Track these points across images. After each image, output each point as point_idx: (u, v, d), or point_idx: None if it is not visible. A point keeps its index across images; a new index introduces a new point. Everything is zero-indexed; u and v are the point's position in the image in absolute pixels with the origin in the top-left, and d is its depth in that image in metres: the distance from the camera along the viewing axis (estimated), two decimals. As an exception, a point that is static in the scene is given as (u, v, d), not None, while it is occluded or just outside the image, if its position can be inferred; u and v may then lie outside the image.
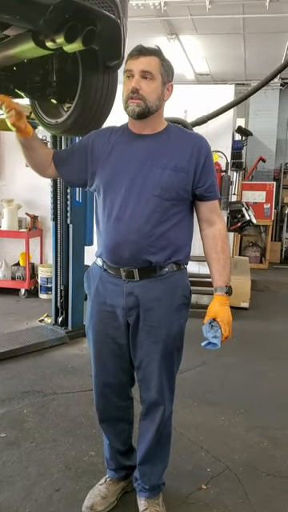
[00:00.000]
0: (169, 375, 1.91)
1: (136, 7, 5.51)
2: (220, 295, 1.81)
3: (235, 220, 5.38)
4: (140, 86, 1.69)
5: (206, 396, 3.18)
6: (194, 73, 8.51)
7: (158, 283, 1.81)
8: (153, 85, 1.72)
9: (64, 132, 2.56)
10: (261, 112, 9.12)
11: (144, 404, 1.97)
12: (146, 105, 1.71)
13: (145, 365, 1.88)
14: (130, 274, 1.80)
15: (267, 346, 4.26)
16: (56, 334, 4.16)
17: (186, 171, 1.76)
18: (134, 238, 1.75)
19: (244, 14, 5.88)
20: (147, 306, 1.81)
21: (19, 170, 5.67)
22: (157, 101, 1.74)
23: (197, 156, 1.78)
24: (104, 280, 1.87)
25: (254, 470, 2.40)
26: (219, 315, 1.76)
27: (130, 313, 1.83)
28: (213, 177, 1.84)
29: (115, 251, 1.79)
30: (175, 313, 1.85)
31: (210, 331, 1.74)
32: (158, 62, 1.71)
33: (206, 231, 1.87)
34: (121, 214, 1.76)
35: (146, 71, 1.69)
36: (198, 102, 5.08)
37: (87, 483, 2.21)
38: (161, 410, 1.92)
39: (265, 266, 8.10)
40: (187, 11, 5.87)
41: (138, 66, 1.69)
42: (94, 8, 1.75)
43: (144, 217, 1.74)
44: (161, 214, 1.76)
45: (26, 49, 1.91)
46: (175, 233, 1.80)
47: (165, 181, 1.74)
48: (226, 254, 1.84)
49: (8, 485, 2.22)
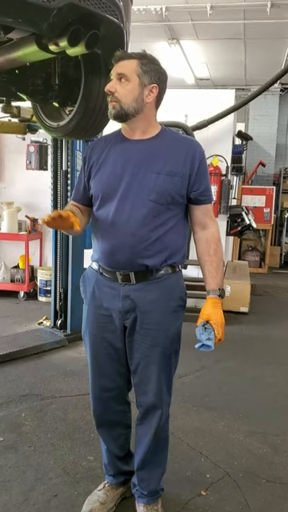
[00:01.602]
0: (167, 378, 1.91)
1: (138, 12, 5.53)
2: (213, 298, 1.82)
3: (235, 224, 5.38)
4: (115, 88, 1.71)
5: (205, 401, 3.17)
6: (195, 77, 8.54)
7: (155, 286, 1.81)
8: (127, 86, 1.71)
9: (65, 135, 2.56)
10: (261, 117, 9.16)
11: (141, 408, 1.96)
12: (120, 106, 1.72)
13: (142, 368, 1.87)
14: (127, 277, 1.80)
15: (267, 351, 4.25)
16: (55, 337, 4.15)
17: (180, 176, 1.77)
18: (130, 242, 1.76)
19: (245, 20, 5.91)
20: (144, 308, 1.81)
21: (19, 172, 5.69)
22: (133, 103, 1.72)
23: (191, 161, 1.78)
24: (100, 283, 1.87)
25: (254, 476, 2.38)
26: (212, 318, 1.77)
27: (127, 316, 1.83)
28: (207, 181, 1.85)
29: (112, 255, 1.80)
30: (172, 315, 1.86)
31: (203, 333, 1.76)
32: (135, 64, 1.70)
33: (199, 234, 1.88)
34: (117, 218, 1.76)
35: (120, 73, 1.71)
36: (199, 106, 5.09)
37: (85, 488, 2.20)
38: (158, 413, 1.91)
39: (264, 271, 8.11)
40: (188, 16, 5.89)
41: (116, 69, 1.72)
42: (97, 12, 1.76)
43: (140, 221, 1.75)
44: (156, 219, 1.76)
45: (29, 52, 1.92)
46: (171, 236, 1.81)
47: (160, 185, 1.74)
48: (218, 257, 1.85)
49: (5, 489, 2.20)
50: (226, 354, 3.92)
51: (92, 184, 1.84)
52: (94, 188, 1.83)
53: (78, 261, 4.21)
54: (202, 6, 5.48)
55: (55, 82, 2.44)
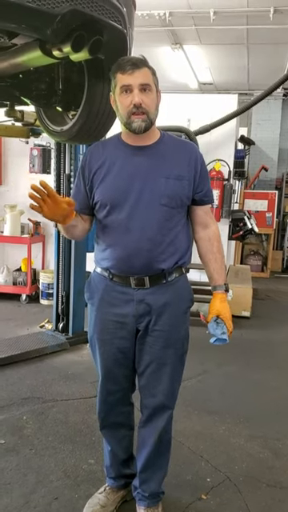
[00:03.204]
0: (179, 378, 1.96)
1: (141, 17, 5.55)
2: (220, 293, 1.89)
3: (237, 228, 5.38)
4: (142, 99, 1.69)
5: (207, 405, 3.17)
6: (198, 82, 8.56)
7: (167, 289, 1.85)
8: (151, 96, 1.73)
9: (69, 139, 2.57)
10: (263, 121, 9.17)
11: (146, 410, 1.97)
12: (148, 118, 1.73)
13: (152, 370, 1.89)
14: (141, 281, 1.82)
15: (268, 355, 4.24)
16: (57, 340, 4.15)
17: (187, 179, 1.81)
18: (146, 247, 1.78)
19: (248, 25, 5.93)
20: (158, 311, 1.84)
21: (22, 176, 5.71)
22: (156, 111, 1.76)
23: (194, 164, 1.83)
24: (109, 289, 1.88)
25: (254, 480, 2.38)
26: (222, 312, 1.84)
27: (141, 320, 1.85)
28: (208, 182, 1.92)
29: (127, 262, 1.81)
30: (183, 316, 1.91)
31: (217, 328, 1.83)
32: (150, 73, 1.73)
33: (200, 234, 1.93)
34: (131, 225, 1.78)
35: (144, 84, 1.70)
36: (202, 111, 5.11)
37: (86, 491, 2.20)
38: (167, 414, 1.95)
39: (266, 275, 8.10)
40: (192, 21, 5.91)
41: (136, 80, 1.68)
42: (100, 18, 1.77)
43: (154, 226, 1.78)
44: (168, 222, 1.80)
45: (33, 57, 1.93)
46: (180, 238, 1.85)
47: (170, 189, 1.78)
48: (221, 254, 1.92)
49: (6, 492, 2.20)
50: (228, 358, 3.91)
51: (97, 193, 1.83)
52: (101, 196, 1.81)
53: (81, 264, 4.22)
54: (206, 11, 5.50)
55: (59, 87, 2.45)
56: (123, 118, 1.75)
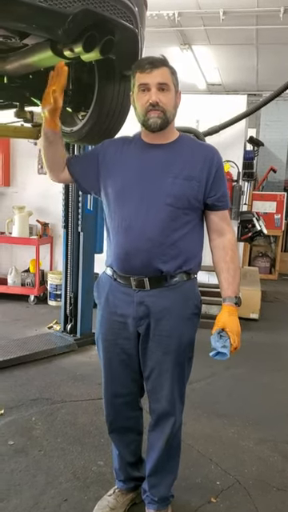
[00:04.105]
0: (180, 385, 1.90)
1: (150, 17, 5.54)
2: (229, 305, 1.79)
3: (246, 230, 5.35)
4: (159, 98, 1.70)
5: (215, 407, 3.15)
6: (206, 83, 8.54)
7: (169, 293, 1.81)
8: (169, 95, 1.73)
9: (79, 140, 2.56)
10: (272, 122, 9.13)
11: (153, 415, 1.95)
12: (165, 116, 1.73)
13: (155, 375, 1.87)
14: (141, 283, 1.79)
15: (277, 358, 4.21)
16: (65, 342, 4.15)
17: (197, 180, 1.77)
18: (145, 246, 1.75)
19: (257, 25, 5.90)
20: (158, 315, 1.80)
21: (31, 177, 5.73)
22: (173, 110, 1.77)
23: (209, 166, 1.79)
24: (114, 289, 1.87)
25: (264, 484, 2.36)
26: (228, 325, 1.74)
27: (141, 322, 1.82)
28: (224, 187, 1.85)
29: (126, 260, 1.79)
30: (186, 322, 1.85)
31: (218, 341, 1.73)
32: (169, 72, 1.73)
33: (215, 241, 1.87)
34: (133, 222, 1.76)
35: (162, 83, 1.70)
36: (210, 111, 5.10)
37: (95, 494, 2.19)
38: (171, 420, 1.91)
39: (274, 277, 8.05)
40: (201, 22, 5.90)
41: (153, 79, 1.69)
42: (112, 18, 1.76)
43: (156, 225, 1.74)
44: (173, 223, 1.76)
45: (43, 57, 1.92)
46: (186, 242, 1.80)
47: (177, 189, 1.75)
48: (235, 264, 1.84)
49: (16, 493, 2.20)
50: (237, 360, 3.86)
51: (106, 184, 1.84)
52: (109, 188, 1.82)
53: (89, 265, 4.22)
54: (215, 11, 5.48)
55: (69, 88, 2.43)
56: (140, 117, 1.75)
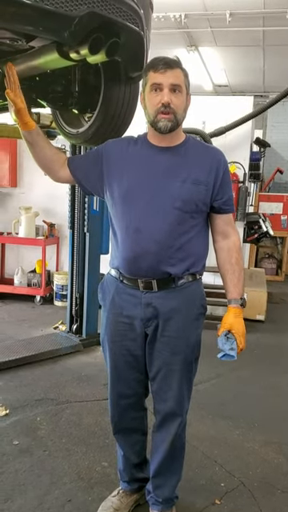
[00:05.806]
0: (188, 385, 1.91)
1: (157, 19, 5.55)
2: (234, 307, 1.82)
3: (252, 231, 5.35)
4: (171, 99, 1.69)
5: (221, 409, 3.14)
6: (213, 84, 8.53)
7: (176, 294, 1.81)
8: (181, 98, 1.73)
9: (85, 142, 2.57)
10: (279, 124, 9.11)
11: (158, 415, 1.95)
12: (176, 119, 1.72)
13: (162, 376, 1.87)
14: (149, 285, 1.80)
15: (283, 360, 4.20)
16: (70, 342, 4.16)
17: (205, 184, 1.77)
18: (153, 249, 1.75)
19: (264, 27, 5.89)
20: (166, 316, 1.81)
21: (37, 178, 5.72)
22: (184, 113, 1.76)
23: (216, 170, 1.79)
24: (120, 291, 1.87)
25: (269, 486, 2.36)
26: (234, 327, 1.78)
27: (149, 323, 1.83)
28: (230, 190, 1.86)
29: (134, 263, 1.79)
30: (193, 323, 1.86)
31: (226, 343, 1.76)
32: (182, 75, 1.72)
33: (220, 243, 1.88)
34: (141, 225, 1.76)
35: (175, 84, 1.69)
36: (217, 113, 5.08)
37: (99, 494, 2.20)
38: (178, 420, 1.92)
39: (281, 278, 8.02)
40: (207, 23, 5.90)
41: (167, 80, 1.68)
42: (118, 20, 1.76)
43: (164, 229, 1.75)
44: (180, 226, 1.76)
45: (50, 60, 1.93)
46: (193, 245, 1.81)
47: (185, 193, 1.75)
48: (240, 266, 1.86)
49: (20, 493, 2.21)
50: (242, 362, 3.86)
51: (113, 187, 1.82)
52: (116, 191, 1.81)
53: (95, 266, 4.23)
54: (221, 12, 5.48)
55: (75, 89, 2.45)
56: (150, 117, 1.74)
